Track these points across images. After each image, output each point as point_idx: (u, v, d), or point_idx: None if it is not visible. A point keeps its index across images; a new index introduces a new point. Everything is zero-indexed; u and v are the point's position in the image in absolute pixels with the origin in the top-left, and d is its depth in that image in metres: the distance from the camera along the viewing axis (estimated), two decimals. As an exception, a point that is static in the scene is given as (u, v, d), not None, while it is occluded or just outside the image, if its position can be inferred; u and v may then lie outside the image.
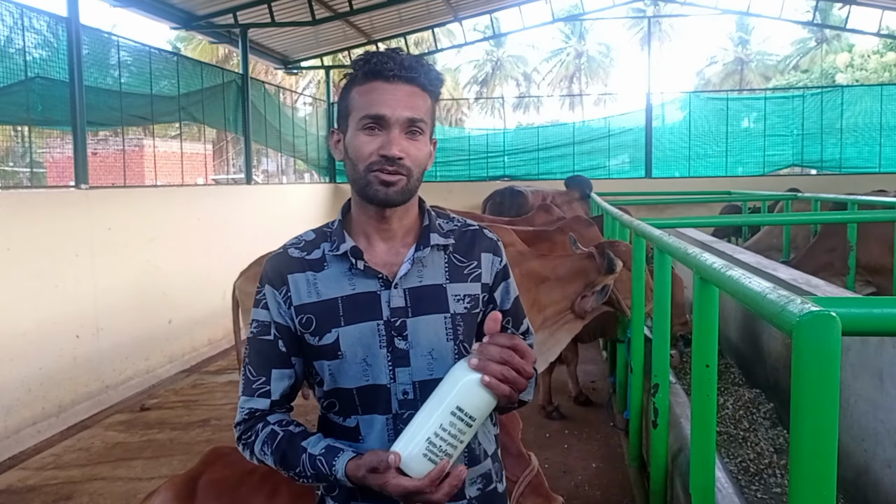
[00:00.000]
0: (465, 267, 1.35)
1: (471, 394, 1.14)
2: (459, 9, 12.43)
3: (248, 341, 1.36)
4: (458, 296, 1.32)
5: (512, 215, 8.05)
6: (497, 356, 1.14)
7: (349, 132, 1.28)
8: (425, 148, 1.29)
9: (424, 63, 1.28)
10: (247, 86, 9.73)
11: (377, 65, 1.24)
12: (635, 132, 13.38)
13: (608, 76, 42.17)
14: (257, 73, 18.42)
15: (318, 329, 1.28)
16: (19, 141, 6.58)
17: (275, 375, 1.32)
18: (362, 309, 1.27)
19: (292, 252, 1.33)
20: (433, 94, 1.30)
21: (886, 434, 2.52)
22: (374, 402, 1.28)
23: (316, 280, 1.30)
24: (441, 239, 1.34)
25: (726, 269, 1.66)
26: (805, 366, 1.07)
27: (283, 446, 1.26)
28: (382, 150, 1.23)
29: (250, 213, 8.95)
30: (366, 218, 1.32)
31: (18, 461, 4.54)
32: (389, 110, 1.23)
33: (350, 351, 1.27)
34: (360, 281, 1.28)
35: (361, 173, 1.25)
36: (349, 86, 1.29)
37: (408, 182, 1.26)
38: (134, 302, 6.20)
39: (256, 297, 1.34)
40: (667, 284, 2.81)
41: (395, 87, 1.24)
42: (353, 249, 1.29)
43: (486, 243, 1.39)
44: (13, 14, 5.38)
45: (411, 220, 1.35)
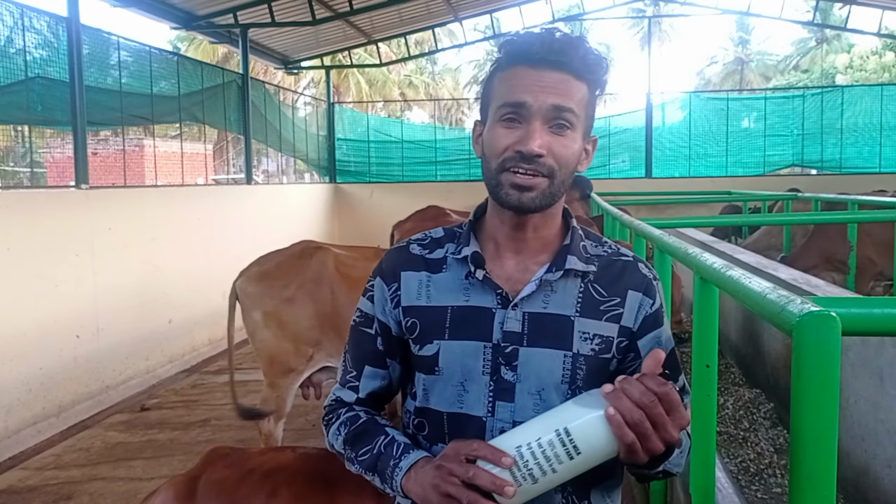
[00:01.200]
0: (603, 302, 1.13)
1: (587, 422, 0.94)
2: (459, 9, 12.43)
3: (350, 330, 1.26)
4: (587, 334, 1.11)
5: (512, 215, 8.05)
6: (637, 396, 0.93)
7: (487, 124, 1.12)
8: (574, 145, 1.09)
9: (581, 45, 1.08)
10: (247, 86, 9.73)
11: (522, 46, 1.08)
12: (635, 132, 13.38)
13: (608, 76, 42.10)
14: (257, 73, 18.44)
15: (420, 337, 1.15)
16: (20, 141, 6.59)
17: (366, 372, 1.22)
18: (471, 325, 1.11)
19: (413, 248, 1.20)
20: (592, 82, 1.10)
21: (886, 434, 2.52)
22: (464, 434, 1.09)
23: (430, 282, 1.16)
24: (580, 264, 1.13)
25: (726, 269, 1.66)
26: (805, 366, 1.07)
27: (363, 427, 1.17)
28: (519, 144, 1.05)
29: (250, 213, 8.95)
30: (498, 222, 1.15)
31: (18, 461, 4.54)
32: (531, 97, 1.05)
33: (448, 369, 1.11)
34: (477, 293, 1.12)
35: (493, 172, 1.08)
36: (492, 72, 1.13)
37: (549, 185, 1.07)
38: (134, 302, 6.20)
39: (367, 285, 1.23)
40: (667, 284, 2.81)
41: (542, 73, 1.06)
42: (474, 255, 1.12)
43: (638, 279, 1.16)
44: (13, 14, 5.38)
45: (551, 234, 1.16)
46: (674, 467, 1.09)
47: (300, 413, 4.86)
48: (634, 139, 13.38)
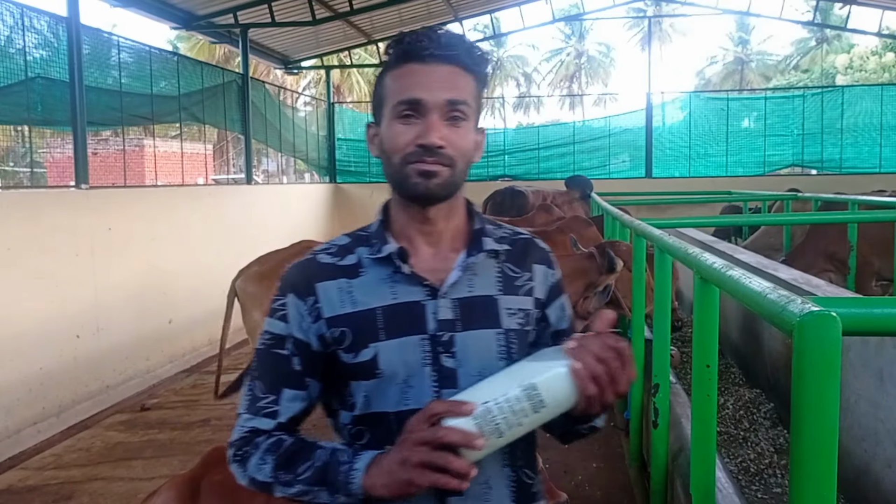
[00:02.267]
0: (517, 278, 1.20)
1: (552, 377, 0.99)
2: (459, 9, 12.43)
3: (256, 353, 1.20)
4: (511, 310, 1.17)
5: (512, 215, 8.05)
6: (598, 351, 1.00)
7: (384, 123, 1.13)
8: (469, 135, 1.13)
9: (466, 40, 1.13)
10: (247, 86, 9.73)
11: (410, 45, 1.10)
12: (635, 132, 13.38)
13: (608, 76, 42.19)
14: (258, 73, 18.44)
15: (353, 344, 1.12)
16: (20, 141, 6.58)
17: (286, 395, 1.16)
18: (405, 321, 1.12)
19: (322, 258, 1.18)
20: (478, 75, 1.15)
21: (886, 434, 2.52)
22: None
23: (351, 287, 1.14)
24: (495, 244, 1.19)
25: (726, 269, 1.66)
26: (805, 366, 1.07)
27: (294, 447, 1.11)
28: (420, 138, 1.08)
29: (250, 213, 8.95)
30: (407, 219, 1.17)
31: (19, 461, 4.54)
32: (426, 93, 1.08)
33: (390, 369, 1.11)
34: (403, 288, 1.13)
35: (398, 166, 1.11)
36: (383, 73, 1.15)
37: (452, 173, 1.11)
38: (134, 302, 6.20)
39: (273, 305, 1.18)
40: (667, 284, 2.81)
41: (433, 68, 1.10)
42: (399, 251, 1.13)
43: (540, 254, 1.25)
44: (14, 14, 5.38)
45: (459, 222, 1.20)
46: (599, 421, 1.18)
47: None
48: (634, 139, 13.39)
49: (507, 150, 13.85)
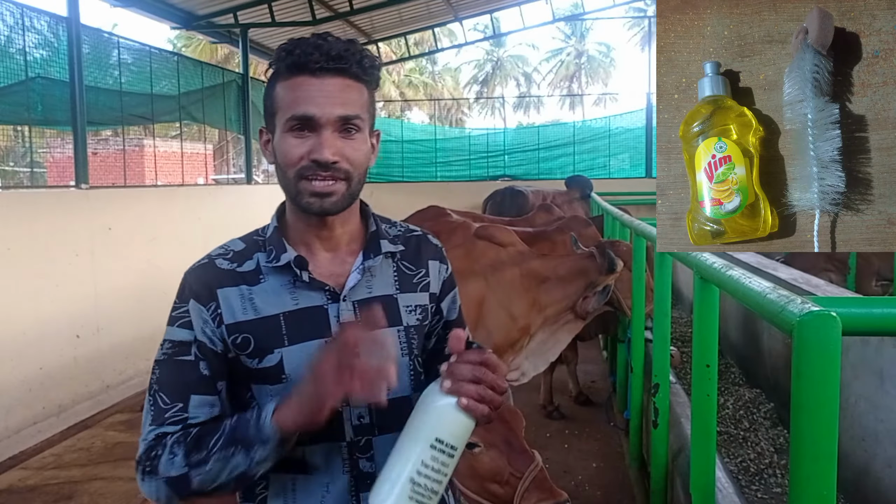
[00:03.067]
0: (414, 275, 1.24)
1: (448, 420, 1.03)
2: (459, 9, 12.43)
3: (156, 364, 1.17)
4: (410, 307, 1.21)
5: (512, 215, 8.05)
6: (470, 375, 1.02)
7: (277, 133, 1.13)
8: (363, 146, 1.14)
9: (356, 49, 1.13)
10: (247, 85, 9.74)
11: (301, 56, 1.09)
12: (635, 132, 13.38)
13: (608, 76, 42.18)
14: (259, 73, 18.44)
15: (257, 350, 1.12)
16: (20, 141, 6.59)
17: (194, 402, 1.12)
18: (308, 326, 1.13)
19: (220, 263, 1.16)
20: (369, 83, 1.15)
21: (886, 434, 2.52)
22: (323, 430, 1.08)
23: (252, 294, 1.14)
24: (391, 246, 1.21)
25: (726, 269, 1.67)
26: (805, 366, 1.07)
27: (201, 432, 1.08)
28: (313, 154, 1.08)
29: (250, 213, 8.94)
30: (304, 226, 1.17)
31: (19, 461, 4.54)
32: (318, 109, 1.08)
33: (296, 373, 1.11)
34: (304, 294, 1.14)
35: (292, 181, 1.11)
36: (272, 80, 1.14)
37: (347, 187, 1.12)
38: (134, 302, 6.20)
39: (174, 314, 1.16)
40: (667, 284, 2.81)
41: (323, 81, 1.09)
42: (297, 259, 1.14)
43: (432, 250, 1.29)
44: (14, 14, 5.39)
45: (355, 225, 1.21)
46: None
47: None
48: (634, 139, 13.38)
49: (506, 151, 13.85)
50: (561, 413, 4.94)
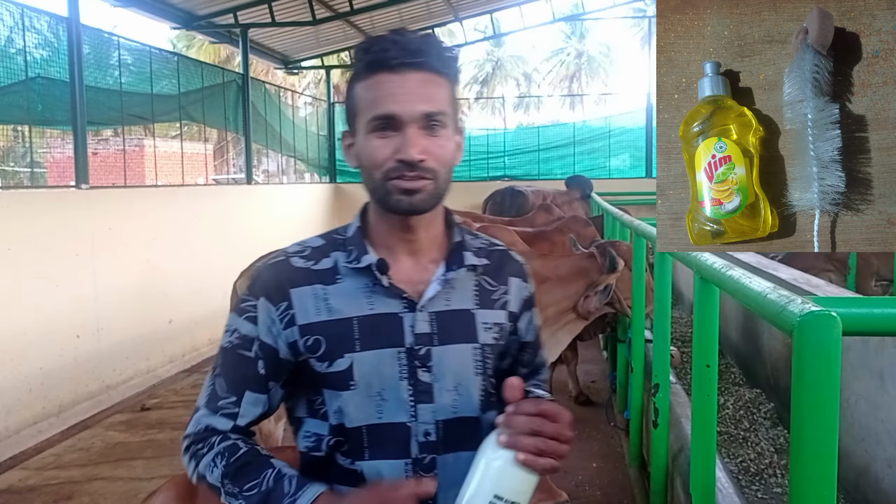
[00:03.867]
0: (493, 292, 1.19)
1: (507, 476, 0.98)
2: (460, 9, 12.43)
3: (221, 351, 1.17)
4: (487, 324, 1.16)
5: (512, 215, 8.06)
6: (527, 428, 0.98)
7: (359, 135, 1.10)
8: (449, 143, 1.10)
9: (435, 42, 1.09)
10: (247, 86, 9.74)
11: (378, 53, 1.06)
12: (636, 132, 13.38)
13: (608, 76, 42.16)
14: (258, 73, 18.45)
15: (327, 353, 1.10)
16: (20, 141, 6.59)
17: (247, 398, 1.13)
18: (382, 333, 1.10)
19: (295, 261, 1.14)
20: (451, 77, 1.11)
21: (887, 434, 2.52)
22: (387, 444, 1.10)
23: (327, 295, 1.11)
24: (475, 259, 1.17)
25: (726, 269, 1.67)
26: (805, 366, 1.07)
27: (245, 459, 1.09)
28: (399, 154, 1.05)
29: (250, 213, 8.95)
30: (387, 228, 1.13)
31: (19, 461, 4.54)
32: (400, 106, 1.05)
33: (364, 381, 1.09)
34: (381, 300, 1.11)
35: (379, 182, 1.08)
36: (353, 81, 1.11)
37: (435, 185, 1.08)
38: (134, 302, 6.20)
39: (242, 305, 1.14)
40: (667, 284, 2.81)
41: (404, 77, 1.05)
42: (379, 263, 1.10)
43: (515, 267, 1.24)
44: (14, 14, 5.39)
45: (438, 232, 1.17)
46: None
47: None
48: (634, 139, 13.38)
49: (507, 151, 13.85)
50: (561, 413, 4.93)
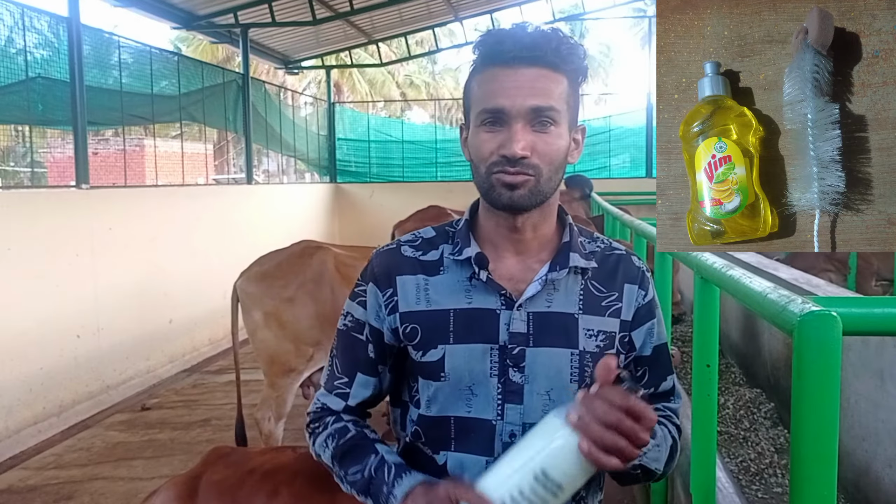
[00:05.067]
0: (603, 298, 1.15)
1: (562, 458, 0.92)
2: (460, 9, 12.43)
3: (338, 333, 1.22)
4: (591, 331, 1.12)
5: (512, 215, 8.04)
6: (603, 416, 0.91)
7: (470, 129, 1.12)
8: (559, 140, 1.08)
9: (554, 37, 1.06)
10: (247, 86, 9.73)
11: (494, 46, 1.06)
12: (636, 132, 13.37)
13: (608, 76, 42.13)
14: (260, 73, 18.46)
15: (423, 342, 1.12)
16: (20, 141, 6.59)
17: (359, 380, 1.18)
18: (476, 327, 1.10)
19: (405, 250, 1.17)
20: (570, 72, 1.09)
21: (887, 434, 2.52)
22: (472, 439, 1.10)
23: (428, 285, 1.13)
24: (582, 261, 1.13)
25: (727, 269, 1.66)
26: (806, 365, 1.07)
27: (353, 442, 1.14)
28: (503, 148, 1.05)
29: (251, 213, 8.95)
30: (494, 224, 1.14)
31: (19, 461, 4.54)
32: (508, 101, 1.04)
33: (455, 374, 1.10)
34: (479, 295, 1.11)
35: (483, 175, 1.08)
36: (471, 75, 1.12)
37: (537, 183, 1.06)
38: (135, 302, 6.20)
39: (356, 289, 1.19)
40: (667, 284, 2.81)
41: (517, 71, 1.05)
42: (477, 256, 1.11)
43: (632, 272, 1.18)
44: (14, 14, 5.39)
45: (549, 232, 1.16)
46: (651, 462, 1.09)
47: (300, 413, 4.85)
48: (635, 139, 13.38)
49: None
50: (561, 413, 4.93)
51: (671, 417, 1.21)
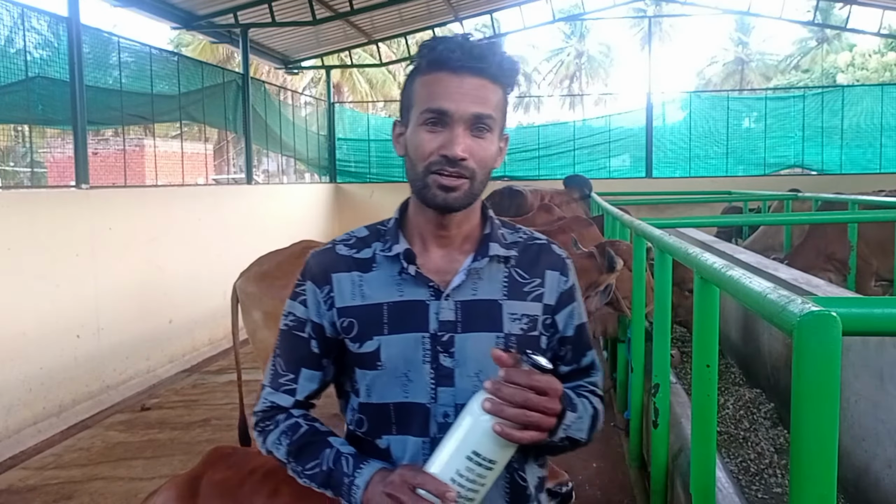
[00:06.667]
0: (526, 284, 1.23)
1: (486, 439, 1.03)
2: (460, 9, 12.43)
3: (280, 333, 1.28)
4: (515, 315, 1.20)
5: (511, 215, 8.04)
6: (511, 397, 1.01)
7: (410, 127, 1.17)
8: (492, 147, 1.16)
9: (497, 51, 1.14)
10: (247, 86, 9.74)
11: (443, 53, 1.12)
12: (636, 132, 13.37)
13: (608, 76, 42.16)
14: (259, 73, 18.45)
15: (359, 335, 1.19)
16: (20, 141, 6.59)
17: (304, 375, 1.25)
18: (408, 318, 1.17)
19: (340, 249, 1.24)
20: (506, 85, 1.18)
21: (887, 434, 2.52)
22: (410, 422, 1.18)
23: (362, 282, 1.20)
24: (502, 250, 1.22)
25: (727, 269, 1.66)
26: (805, 366, 1.07)
27: (306, 438, 1.19)
28: (444, 149, 1.12)
29: (250, 213, 8.95)
30: (423, 220, 1.21)
31: (19, 461, 4.54)
32: (453, 105, 1.11)
33: (391, 362, 1.17)
34: (410, 288, 1.18)
35: (420, 174, 1.15)
36: (413, 75, 1.18)
37: (471, 185, 1.15)
38: (134, 302, 6.20)
39: (296, 289, 1.26)
40: (667, 284, 2.80)
41: (462, 79, 1.12)
42: (406, 252, 1.19)
43: (553, 260, 1.27)
44: (13, 14, 5.38)
45: (472, 226, 1.23)
46: (576, 433, 1.16)
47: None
48: (635, 139, 13.38)
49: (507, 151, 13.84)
50: (561, 413, 4.92)
51: (594, 390, 1.30)
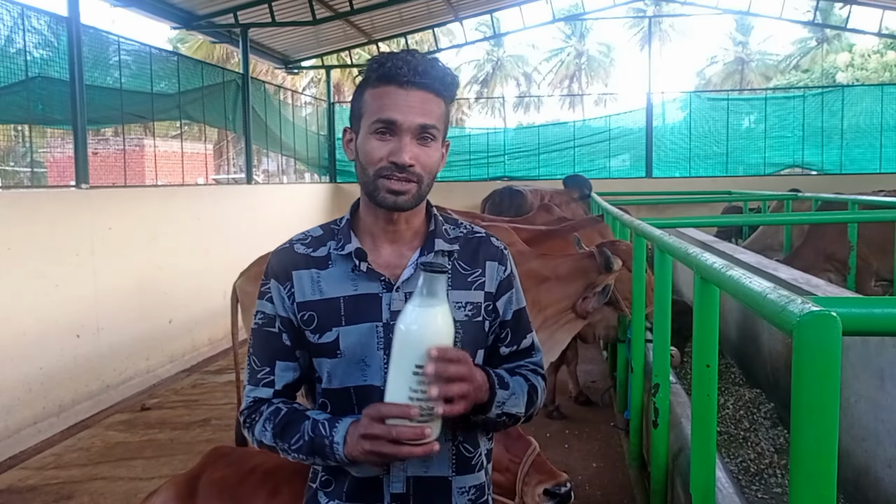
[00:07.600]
0: (469, 274, 1.35)
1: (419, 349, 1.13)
2: (460, 9, 12.43)
3: (252, 332, 1.37)
4: (460, 303, 1.31)
5: (511, 215, 8.05)
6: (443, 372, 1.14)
7: (360, 134, 1.28)
8: (436, 153, 1.29)
9: (439, 67, 1.28)
10: (247, 85, 9.73)
11: (391, 69, 1.24)
12: (636, 132, 13.37)
13: (608, 76, 42.12)
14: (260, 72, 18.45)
15: (319, 327, 1.29)
16: (20, 141, 6.59)
17: (279, 367, 1.34)
18: (363, 310, 1.28)
19: (298, 248, 1.34)
20: (447, 98, 1.30)
21: (887, 434, 2.52)
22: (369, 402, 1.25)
23: (320, 278, 1.31)
24: (446, 245, 1.34)
25: (727, 269, 1.66)
26: (805, 366, 1.07)
27: (286, 418, 1.28)
28: (393, 156, 1.23)
29: (250, 213, 8.94)
30: (373, 219, 1.32)
31: (19, 461, 4.55)
32: (402, 116, 1.23)
33: (349, 350, 1.28)
34: (363, 282, 1.29)
35: (371, 178, 1.26)
36: (362, 86, 1.29)
37: (418, 189, 1.26)
38: (134, 302, 6.20)
39: (262, 289, 1.35)
40: (667, 284, 2.81)
41: (409, 92, 1.24)
42: (357, 251, 1.30)
43: (492, 251, 1.39)
44: (13, 14, 5.38)
45: (419, 223, 1.35)
46: (512, 408, 1.28)
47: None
48: (635, 139, 13.38)
49: (507, 151, 13.84)
50: (561, 413, 4.94)
51: (535, 369, 1.42)
